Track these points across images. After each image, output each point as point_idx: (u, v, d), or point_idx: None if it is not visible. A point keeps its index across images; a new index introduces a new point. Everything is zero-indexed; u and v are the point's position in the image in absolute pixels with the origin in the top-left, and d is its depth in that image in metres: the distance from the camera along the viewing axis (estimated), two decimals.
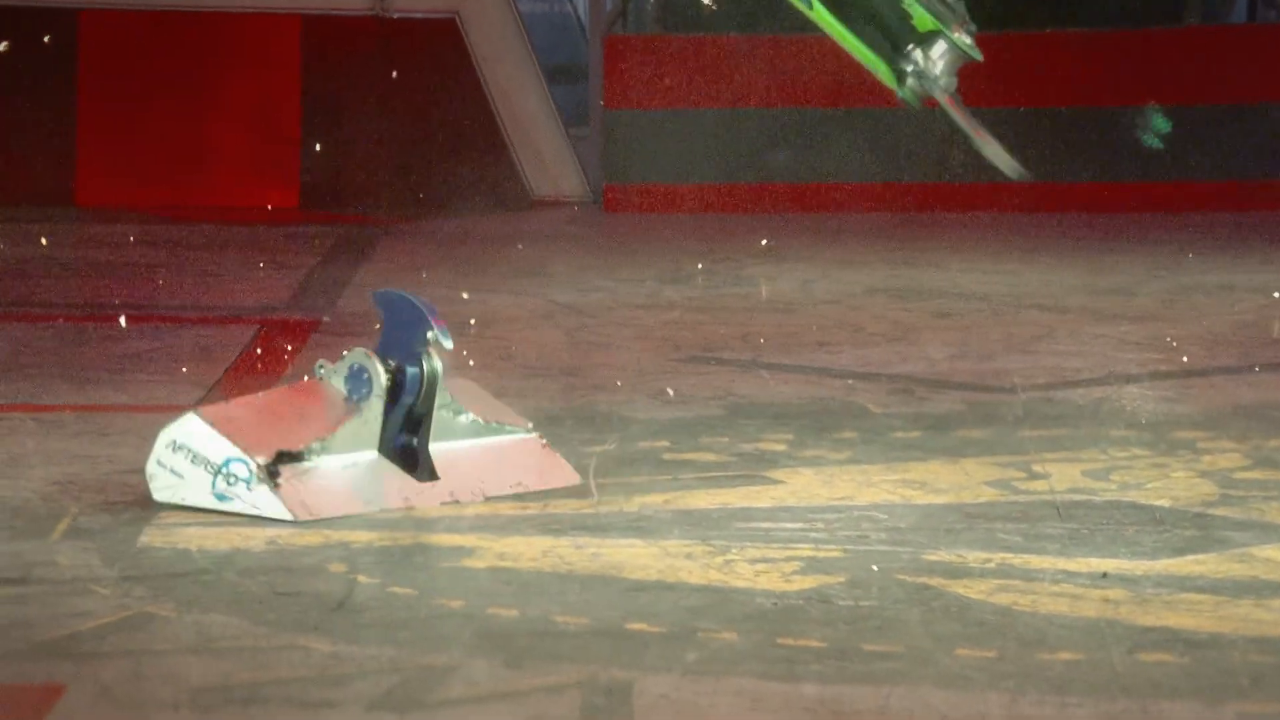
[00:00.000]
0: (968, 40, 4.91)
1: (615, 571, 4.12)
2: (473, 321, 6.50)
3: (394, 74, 9.41)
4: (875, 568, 4.14)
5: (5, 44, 8.53)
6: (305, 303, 7.24)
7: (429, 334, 4.55)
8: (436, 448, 4.53)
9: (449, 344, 4.55)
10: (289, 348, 6.36)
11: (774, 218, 9.06)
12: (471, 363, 5.99)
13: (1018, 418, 5.46)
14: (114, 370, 5.93)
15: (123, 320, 6.48)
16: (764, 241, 7.97)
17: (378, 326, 4.63)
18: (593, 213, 9.27)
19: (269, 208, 9.20)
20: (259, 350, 6.35)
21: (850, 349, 6.37)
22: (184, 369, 5.86)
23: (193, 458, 4.38)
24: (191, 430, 4.40)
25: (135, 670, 3.59)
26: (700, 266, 7.85)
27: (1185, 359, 6.20)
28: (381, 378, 4.51)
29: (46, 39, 9.29)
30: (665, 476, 4.84)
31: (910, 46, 4.90)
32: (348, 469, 4.44)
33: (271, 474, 4.37)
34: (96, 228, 8.74)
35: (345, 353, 4.55)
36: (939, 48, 4.90)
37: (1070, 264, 7.94)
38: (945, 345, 6.41)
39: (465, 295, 7.15)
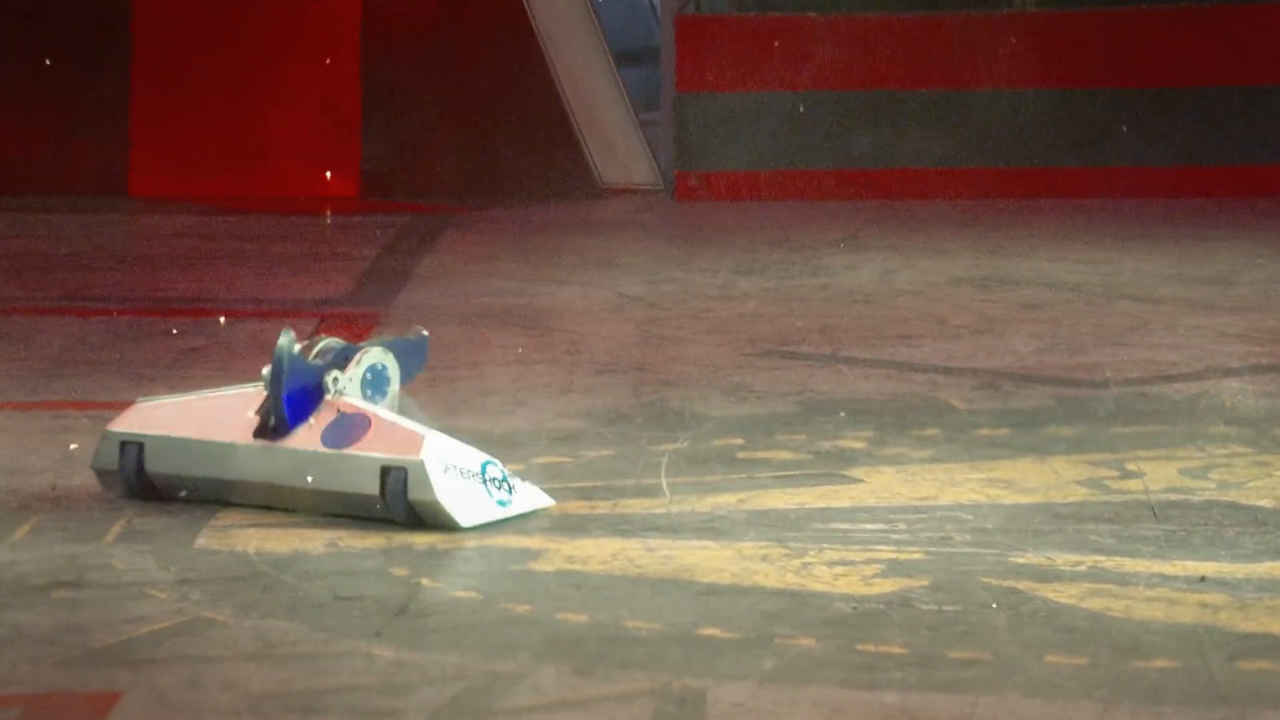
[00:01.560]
0: None
1: (688, 575, 4.13)
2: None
3: (458, 58, 9.44)
4: (960, 571, 4.13)
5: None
6: (366, 295, 7.28)
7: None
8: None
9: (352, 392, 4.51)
10: (351, 341, 6.39)
11: (853, 205, 9.04)
12: (539, 358, 6.02)
13: (1110, 413, 5.43)
14: (170, 365, 5.99)
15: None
16: (841, 242, 7.95)
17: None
18: (664, 201, 9.27)
19: (329, 197, 9.25)
20: (374, 359, 6.37)
21: (933, 342, 6.35)
22: (241, 365, 5.91)
23: (461, 472, 4.39)
24: (445, 447, 4.39)
25: (192, 677, 3.62)
26: (776, 256, 7.85)
27: None
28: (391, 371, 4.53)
29: (99, 25, 9.38)
30: (740, 475, 4.84)
31: None
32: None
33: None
34: (150, 219, 8.82)
35: (360, 357, 4.53)
36: None
37: (1165, 251, 7.88)
38: (1033, 338, 6.38)
39: (532, 288, 7.17)
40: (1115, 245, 8.04)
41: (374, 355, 4.55)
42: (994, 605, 3.91)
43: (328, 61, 9.39)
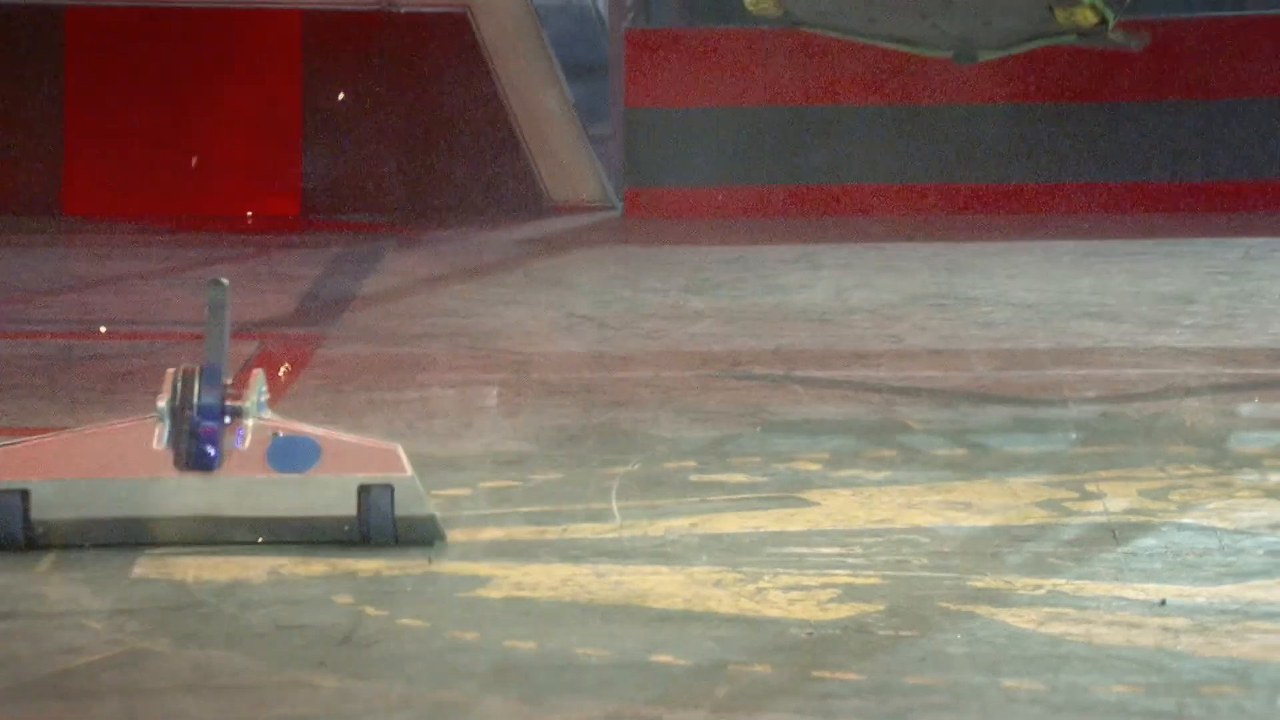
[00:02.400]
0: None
1: (639, 601, 4.13)
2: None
3: (402, 72, 9.43)
4: (917, 595, 4.14)
5: None
6: (308, 317, 7.26)
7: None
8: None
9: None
10: (291, 365, 6.38)
11: (807, 222, 9.06)
12: (488, 379, 6.01)
13: (1069, 434, 5.46)
14: (104, 390, 5.96)
15: (102, 329, 6.49)
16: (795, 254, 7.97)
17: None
18: (613, 218, 9.29)
19: (269, 216, 9.23)
20: (260, 368, 6.36)
21: (889, 361, 6.37)
22: None
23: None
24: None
25: (129, 710, 3.60)
26: (728, 274, 7.86)
27: (1249, 370, 6.19)
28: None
29: (31, 38, 9.34)
30: (692, 499, 4.85)
31: None
32: None
33: None
34: (84, 238, 8.78)
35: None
36: None
37: (1125, 269, 7.93)
38: (991, 356, 6.41)
39: (478, 308, 7.17)
40: (1074, 262, 8.08)
41: (258, 376, 4.51)
42: (951, 630, 3.93)
43: (267, 76, 9.38)
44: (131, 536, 4.39)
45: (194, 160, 9.21)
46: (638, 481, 4.99)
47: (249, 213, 9.14)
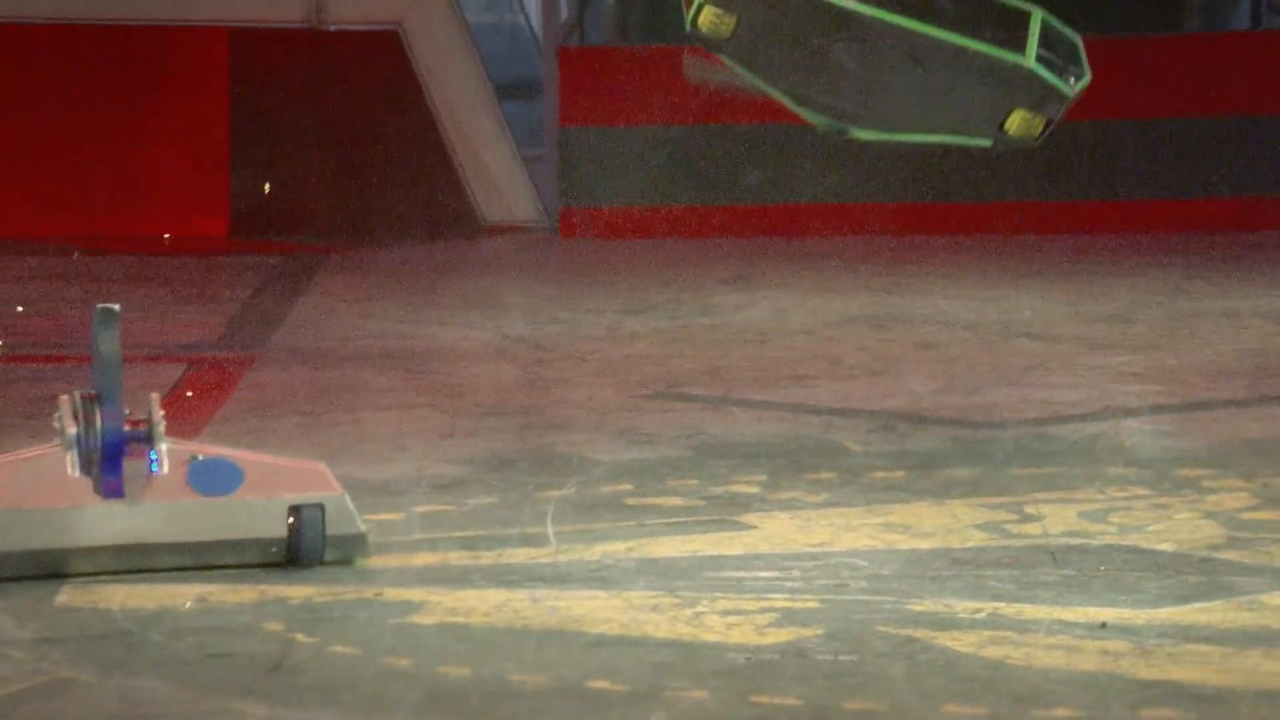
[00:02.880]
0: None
1: (575, 626, 4.13)
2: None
3: (332, 91, 9.41)
4: (856, 619, 4.15)
5: None
6: (237, 339, 7.23)
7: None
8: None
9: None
10: (221, 388, 6.35)
11: (745, 242, 9.09)
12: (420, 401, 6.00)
13: (1008, 455, 5.49)
14: (28, 415, 5.92)
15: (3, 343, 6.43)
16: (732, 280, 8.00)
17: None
18: (548, 238, 9.29)
19: (197, 237, 9.19)
20: (188, 392, 6.34)
21: (828, 383, 6.39)
22: None
23: None
24: None
25: None
26: (665, 295, 7.87)
27: (1188, 391, 6.24)
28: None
29: None
30: (629, 522, 4.85)
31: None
32: None
33: None
34: (8, 260, 8.72)
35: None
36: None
37: (1063, 290, 7.98)
38: (930, 378, 6.44)
39: (411, 328, 7.15)
40: (1012, 283, 8.13)
41: (152, 400, 4.49)
42: (891, 655, 3.94)
43: (194, 95, 9.34)
44: (56, 567, 4.35)
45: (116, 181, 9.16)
46: (573, 505, 4.99)
47: (165, 235, 9.09)
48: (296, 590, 4.34)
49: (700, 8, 5.05)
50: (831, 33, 5.05)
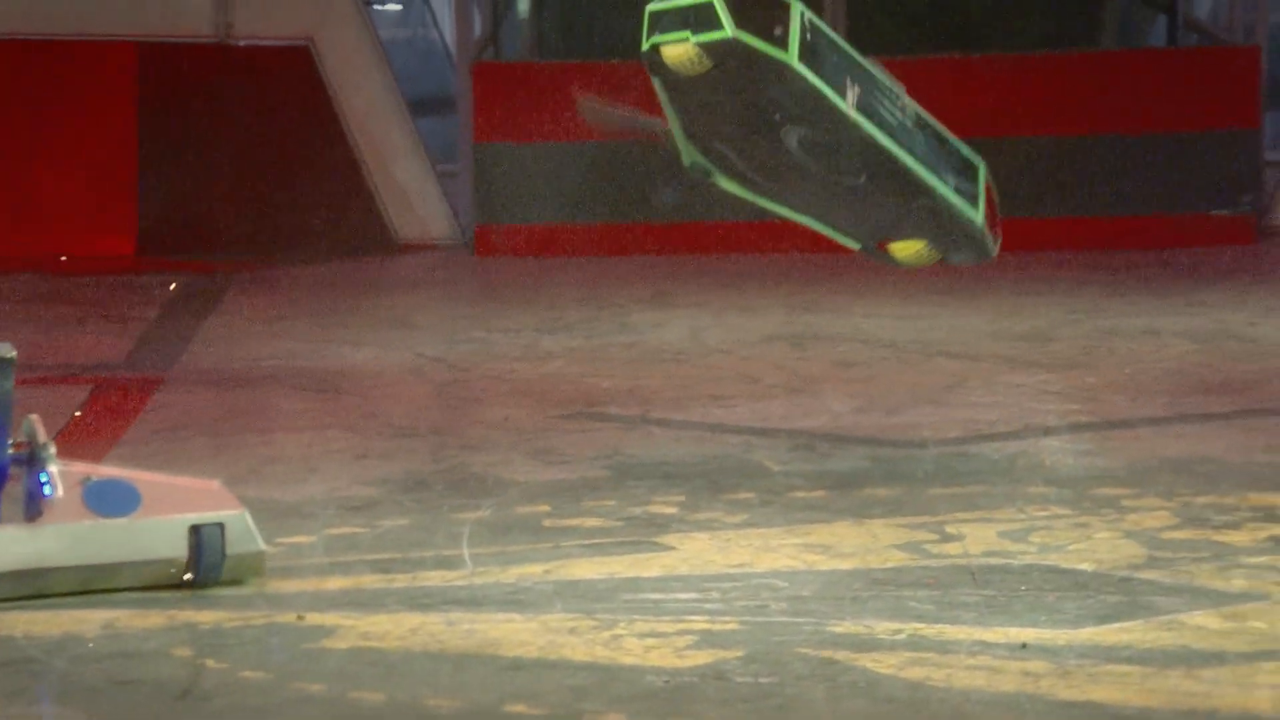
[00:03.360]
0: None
1: (492, 649, 4.12)
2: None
3: (243, 107, 9.37)
4: (776, 641, 4.16)
5: None
6: (144, 359, 7.18)
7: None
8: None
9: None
10: (127, 410, 6.30)
11: (662, 260, 9.10)
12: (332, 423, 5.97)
13: (928, 475, 5.51)
14: None
15: None
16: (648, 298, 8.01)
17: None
18: (463, 256, 9.27)
19: (103, 256, 9.13)
20: (93, 414, 6.29)
21: (746, 402, 6.41)
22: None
23: None
24: None
25: None
26: (581, 314, 7.88)
27: (1107, 409, 6.29)
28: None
29: None
30: (546, 544, 4.84)
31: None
32: None
33: None
34: None
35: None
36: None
37: (982, 308, 8.03)
38: (849, 397, 6.47)
39: (323, 346, 7.12)
40: (931, 300, 8.18)
41: (30, 421, 4.45)
42: (811, 677, 3.95)
43: (100, 110, 9.28)
44: None
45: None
46: (489, 527, 4.97)
47: (62, 256, 9.02)
48: (206, 615, 4.30)
49: (681, 41, 4.91)
50: (803, 117, 4.98)
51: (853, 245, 5.34)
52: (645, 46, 5.02)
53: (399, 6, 11.81)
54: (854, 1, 9.51)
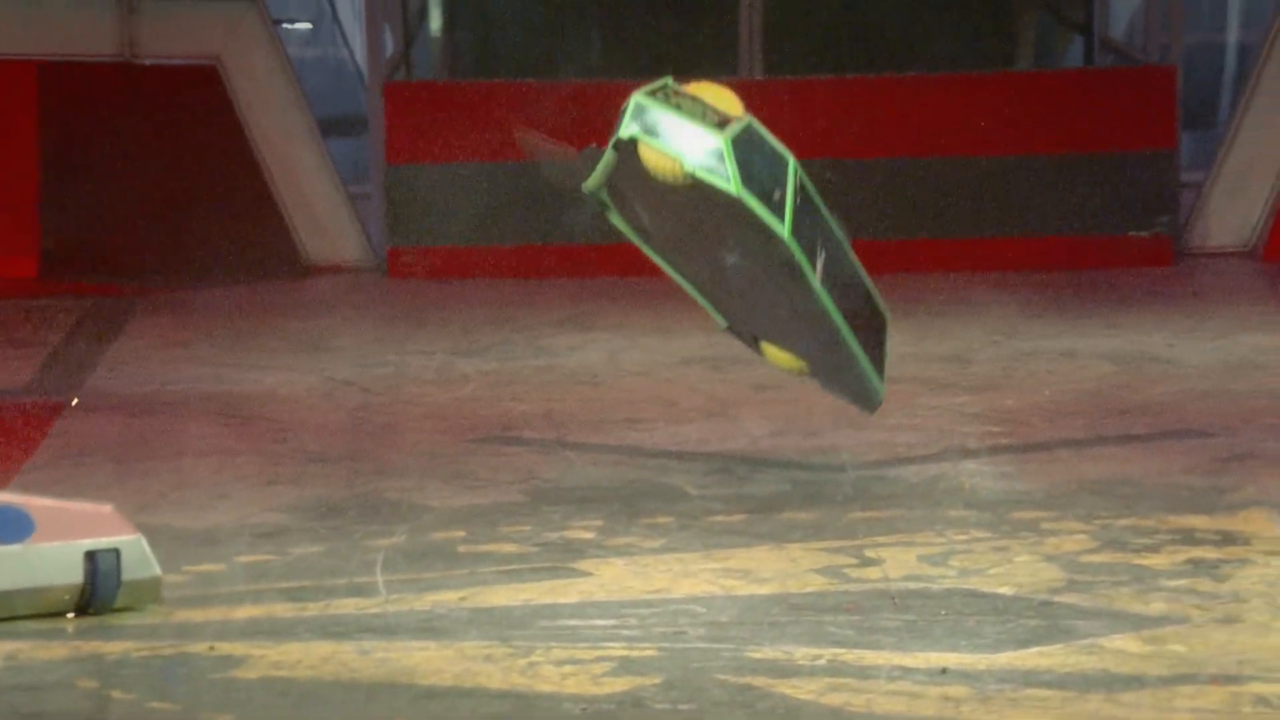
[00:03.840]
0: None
1: (406, 678, 4.10)
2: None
3: (148, 127, 9.31)
4: (694, 667, 4.16)
5: None
6: (47, 385, 7.12)
7: None
8: None
9: None
10: (30, 436, 6.25)
11: (578, 282, 9.11)
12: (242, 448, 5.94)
13: (847, 498, 5.54)
14: None
15: None
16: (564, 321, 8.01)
17: None
18: (376, 279, 9.25)
19: (2, 279, 9.05)
20: None
21: (664, 425, 6.42)
22: None
23: None
24: None
25: None
26: (496, 337, 7.87)
27: (1026, 432, 6.33)
28: None
29: None
30: (461, 571, 4.83)
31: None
32: None
33: None
34: None
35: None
36: None
37: (899, 329, 8.05)
38: (767, 420, 6.49)
39: (229, 375, 7.08)
40: None
41: None
42: (730, 703, 3.95)
43: (1, 133, 9.20)
44: None
45: None
46: (403, 553, 4.96)
47: None
48: (112, 645, 4.27)
49: (670, 158, 4.86)
50: (759, 260, 4.98)
51: (721, 323, 5.36)
52: (624, 136, 4.90)
53: (309, 25, 11.79)
54: (770, 20, 9.56)
